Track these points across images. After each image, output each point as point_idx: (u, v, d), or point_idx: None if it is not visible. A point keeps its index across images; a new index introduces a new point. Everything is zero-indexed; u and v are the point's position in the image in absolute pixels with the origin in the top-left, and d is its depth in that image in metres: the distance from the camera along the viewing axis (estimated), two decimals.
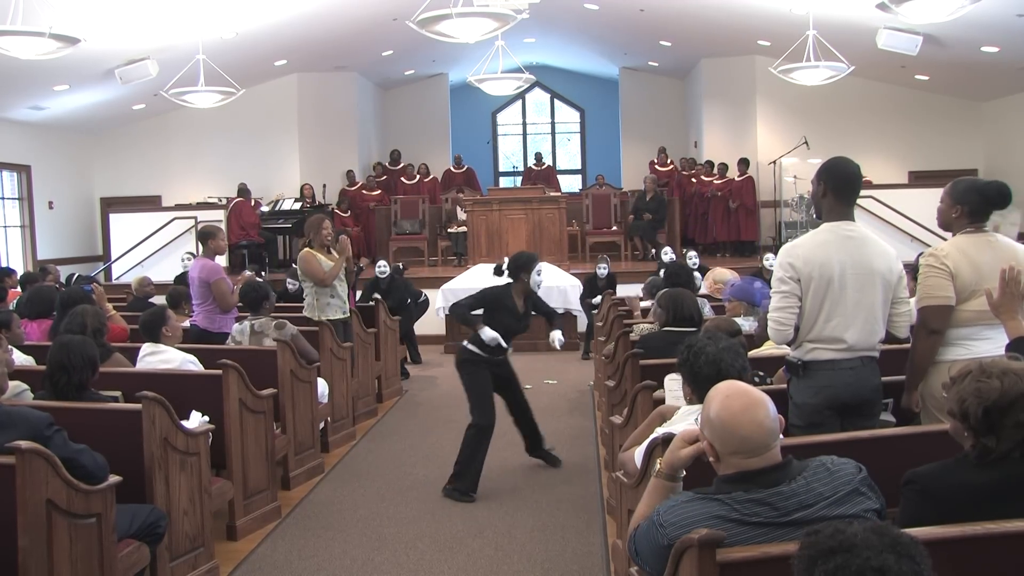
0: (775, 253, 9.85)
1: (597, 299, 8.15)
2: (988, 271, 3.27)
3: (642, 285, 7.76)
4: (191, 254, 10.69)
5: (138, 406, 3.79)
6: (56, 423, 3.18)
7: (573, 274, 11.06)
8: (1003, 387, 2.20)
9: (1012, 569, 2.08)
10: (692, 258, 9.91)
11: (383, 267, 9.84)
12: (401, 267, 10.62)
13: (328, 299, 6.59)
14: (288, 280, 9.20)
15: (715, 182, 14.25)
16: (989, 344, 3.31)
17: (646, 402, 3.89)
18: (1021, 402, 2.19)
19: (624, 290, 9.88)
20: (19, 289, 8.19)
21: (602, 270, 10.25)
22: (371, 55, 14.65)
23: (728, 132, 15.00)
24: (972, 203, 3.40)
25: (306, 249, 6.64)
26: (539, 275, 5.40)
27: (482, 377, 5.40)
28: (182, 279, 9.82)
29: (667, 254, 10.45)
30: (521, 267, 5.41)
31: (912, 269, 3.53)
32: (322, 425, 6.16)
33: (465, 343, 5.48)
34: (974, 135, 14.38)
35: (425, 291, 10.31)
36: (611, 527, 4.60)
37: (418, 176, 15.69)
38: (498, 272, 5.64)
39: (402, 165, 15.97)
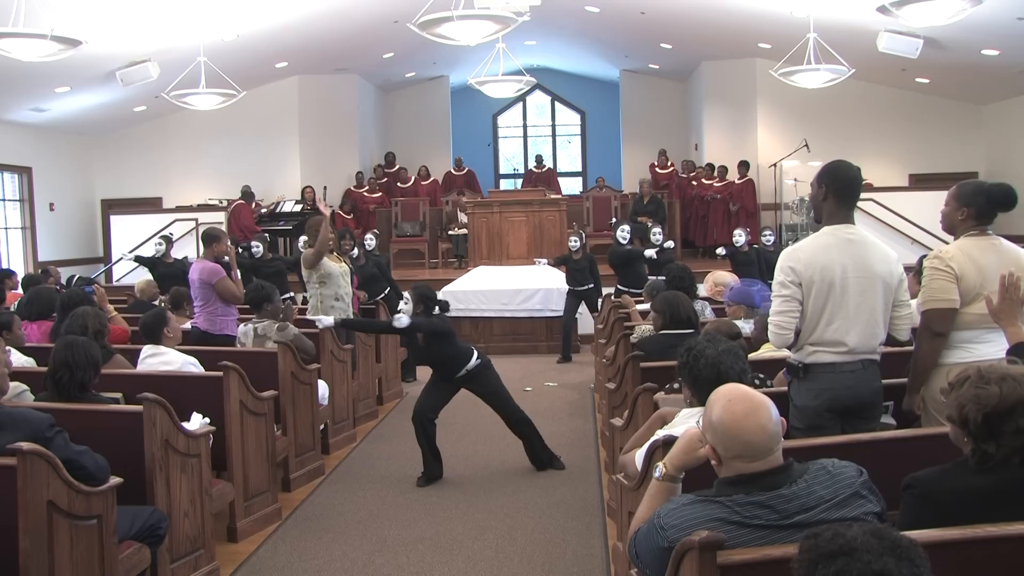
0: (744, 230, 9.81)
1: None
2: (992, 274, 3.27)
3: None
4: (165, 238, 10.52)
5: (139, 408, 3.79)
6: (57, 424, 3.19)
7: None
8: (1002, 393, 2.18)
9: (1013, 572, 2.08)
10: (656, 234, 9.69)
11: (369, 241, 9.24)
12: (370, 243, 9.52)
13: (333, 301, 6.60)
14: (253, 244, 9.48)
15: (715, 184, 14.25)
16: (991, 348, 3.31)
17: (647, 405, 3.89)
18: (1020, 408, 2.17)
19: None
20: (20, 291, 8.18)
21: (574, 243, 9.68)
22: (372, 57, 14.67)
23: (729, 135, 15.01)
24: (979, 205, 3.40)
25: (309, 249, 6.66)
26: (405, 303, 5.59)
27: (430, 382, 5.78)
28: (152, 263, 9.82)
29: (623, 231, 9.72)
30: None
31: (914, 271, 3.53)
32: (323, 427, 6.16)
33: None
34: (975, 138, 14.39)
35: None
36: (611, 529, 4.59)
37: (413, 179, 15.68)
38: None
39: (397, 168, 15.97)
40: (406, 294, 5.69)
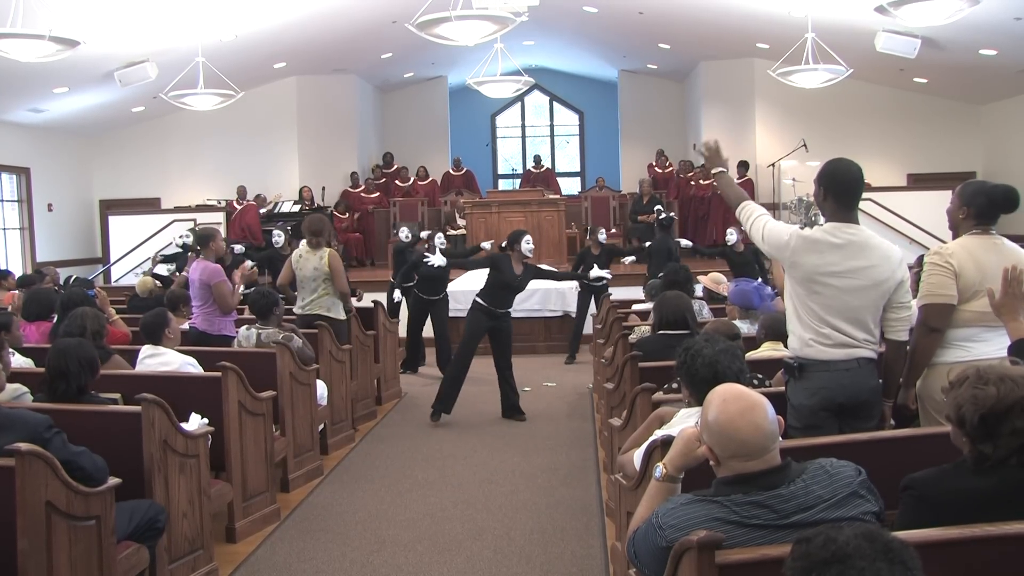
0: (737, 228, 9.77)
1: (596, 272, 8.44)
2: (992, 273, 3.26)
3: (642, 287, 7.73)
4: (192, 231, 10.70)
5: (137, 408, 3.79)
6: (55, 425, 3.19)
7: None
8: (999, 394, 2.17)
9: (1013, 572, 2.07)
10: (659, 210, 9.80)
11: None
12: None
13: (337, 296, 6.86)
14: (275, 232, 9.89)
15: (714, 184, 14.25)
16: (988, 347, 3.31)
17: (645, 405, 3.89)
18: (1018, 409, 2.15)
19: (624, 293, 9.85)
20: (16, 292, 8.16)
21: (602, 235, 9.83)
22: (370, 58, 14.67)
23: (727, 135, 14.95)
24: (979, 205, 3.40)
25: (331, 250, 6.85)
26: (528, 243, 7.01)
27: (476, 325, 7.05)
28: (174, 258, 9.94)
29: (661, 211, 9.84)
30: (514, 240, 7.06)
31: (914, 271, 3.53)
32: (321, 427, 6.16)
33: (476, 296, 7.07)
34: (973, 138, 14.40)
35: None
36: (610, 529, 4.60)
37: (413, 179, 15.68)
38: (502, 249, 7.29)
39: (395, 167, 15.97)
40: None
